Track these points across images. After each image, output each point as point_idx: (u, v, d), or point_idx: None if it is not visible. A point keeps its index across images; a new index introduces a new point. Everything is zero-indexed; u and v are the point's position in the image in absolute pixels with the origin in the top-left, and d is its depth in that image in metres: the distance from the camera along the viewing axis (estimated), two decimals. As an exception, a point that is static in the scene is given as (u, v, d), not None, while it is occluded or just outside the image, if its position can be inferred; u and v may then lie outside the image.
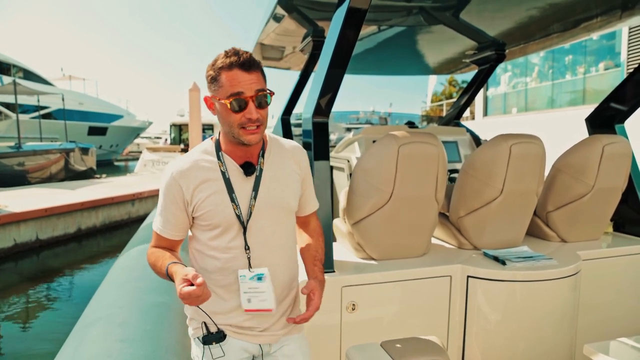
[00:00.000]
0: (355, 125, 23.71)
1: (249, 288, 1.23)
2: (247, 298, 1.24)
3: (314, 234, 1.47)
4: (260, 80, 1.18)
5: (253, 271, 1.23)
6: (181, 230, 1.29)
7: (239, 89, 1.14)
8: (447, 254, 2.23)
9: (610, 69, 10.00)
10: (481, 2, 2.42)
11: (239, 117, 1.16)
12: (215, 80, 1.17)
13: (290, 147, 1.38)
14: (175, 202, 1.24)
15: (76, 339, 1.47)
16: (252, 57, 1.17)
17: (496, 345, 1.96)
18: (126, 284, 2.00)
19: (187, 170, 1.23)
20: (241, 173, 1.24)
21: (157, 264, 1.22)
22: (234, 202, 1.22)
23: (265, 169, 1.28)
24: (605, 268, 2.35)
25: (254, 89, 1.15)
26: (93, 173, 14.80)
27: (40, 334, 4.73)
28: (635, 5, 2.47)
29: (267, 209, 1.26)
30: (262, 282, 1.23)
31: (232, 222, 1.23)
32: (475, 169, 2.20)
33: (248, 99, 1.15)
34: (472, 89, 3.90)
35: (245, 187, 1.25)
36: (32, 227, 7.42)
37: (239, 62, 1.14)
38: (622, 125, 2.78)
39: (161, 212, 1.28)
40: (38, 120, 17.53)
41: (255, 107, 1.16)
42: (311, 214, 1.48)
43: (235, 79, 1.14)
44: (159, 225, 1.28)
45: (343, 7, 1.82)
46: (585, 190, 2.39)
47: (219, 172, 1.24)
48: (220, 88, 1.16)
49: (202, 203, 1.22)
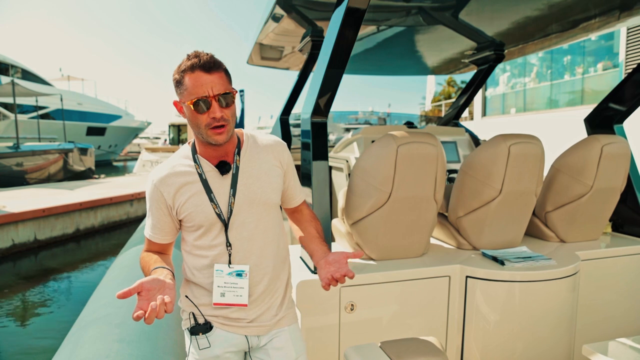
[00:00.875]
0: (354, 125, 23.72)
1: (224, 283, 1.27)
2: (221, 292, 1.27)
3: (309, 219, 1.50)
4: (223, 79, 1.20)
5: (232, 267, 1.28)
6: (169, 234, 1.33)
7: (202, 90, 1.16)
8: (445, 254, 2.23)
9: (609, 70, 10.01)
10: (480, 2, 2.42)
11: (204, 118, 1.18)
12: (180, 84, 1.19)
13: (268, 142, 1.39)
14: (159, 208, 1.29)
15: (73, 339, 1.47)
16: (213, 58, 1.19)
17: (495, 345, 1.96)
18: (124, 283, 1.99)
19: (166, 177, 1.28)
20: (217, 173, 1.27)
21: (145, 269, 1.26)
22: (212, 202, 1.25)
23: (241, 166, 1.30)
24: (604, 268, 2.35)
25: (216, 90, 1.17)
26: (92, 173, 14.78)
27: (39, 334, 4.72)
28: (634, 6, 2.48)
29: (247, 205, 1.29)
30: (242, 279, 1.27)
31: (213, 221, 1.26)
32: (474, 169, 2.19)
33: (211, 99, 1.16)
34: (471, 89, 3.91)
35: (223, 185, 1.27)
36: (30, 227, 7.41)
37: (199, 64, 1.16)
38: (620, 125, 2.79)
39: (148, 218, 1.33)
40: (36, 121, 17.51)
41: (219, 106, 1.17)
42: (301, 204, 1.51)
43: (197, 81, 1.16)
44: (149, 231, 1.33)
45: (342, 7, 1.82)
46: (584, 190, 2.39)
47: (197, 174, 1.27)
48: (185, 91, 1.18)
49: (183, 206, 1.26)
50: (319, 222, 1.51)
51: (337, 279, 1.19)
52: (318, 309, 1.81)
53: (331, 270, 1.21)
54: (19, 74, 21.27)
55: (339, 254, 1.24)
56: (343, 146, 3.51)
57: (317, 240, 1.40)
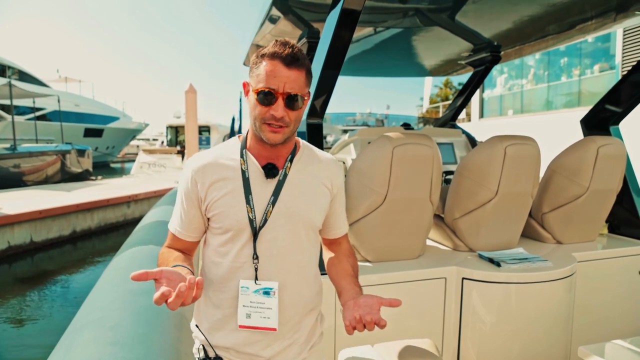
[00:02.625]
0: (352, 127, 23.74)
1: (250, 302, 1.12)
2: (246, 312, 1.12)
3: (347, 254, 1.32)
4: (301, 79, 1.08)
5: (260, 284, 1.13)
6: (195, 231, 1.20)
7: (273, 82, 1.05)
8: (442, 255, 2.23)
9: (605, 71, 10.06)
10: (476, 4, 2.43)
11: (264, 111, 1.07)
12: (255, 67, 1.09)
13: (324, 159, 1.26)
14: (189, 198, 1.16)
15: (66, 342, 1.45)
16: (298, 53, 1.07)
17: (491, 347, 1.95)
18: (119, 286, 1.98)
19: (206, 166, 1.15)
20: (262, 174, 1.14)
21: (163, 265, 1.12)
22: (249, 204, 1.12)
23: (290, 174, 1.16)
24: (601, 269, 2.35)
25: (288, 87, 1.06)
26: (89, 175, 14.73)
27: (34, 337, 4.69)
28: (629, 7, 2.49)
29: (284, 219, 1.14)
30: (270, 298, 1.12)
31: (243, 226, 1.12)
32: (470, 171, 2.19)
33: (278, 95, 1.06)
34: (467, 91, 3.91)
35: (265, 190, 1.14)
36: (26, 229, 7.37)
37: (281, 54, 1.05)
38: (616, 126, 2.79)
39: (176, 210, 1.20)
40: (34, 122, 17.45)
41: (284, 105, 1.06)
42: (341, 237, 1.35)
43: (272, 71, 1.05)
44: (174, 224, 1.21)
45: (337, 9, 1.81)
46: (580, 191, 2.39)
47: (239, 170, 1.14)
48: (256, 76, 1.08)
49: (215, 202, 1.13)
50: (356, 259, 1.33)
51: (366, 322, 1.00)
52: None
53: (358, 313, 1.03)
54: (16, 75, 21.21)
55: (371, 298, 1.06)
56: (340, 148, 3.51)
57: (349, 278, 1.21)
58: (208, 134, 24.03)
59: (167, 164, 17.82)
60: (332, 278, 1.27)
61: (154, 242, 2.76)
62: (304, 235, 1.18)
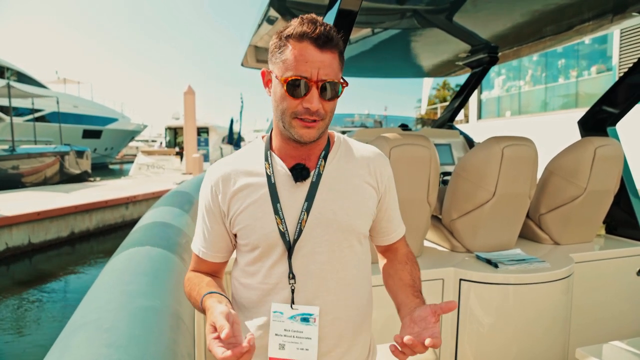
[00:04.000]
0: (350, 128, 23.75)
1: (284, 330, 0.94)
2: (280, 342, 0.94)
3: (405, 260, 1.12)
4: (336, 63, 0.92)
5: (297, 309, 0.95)
6: (221, 251, 1.05)
7: (304, 69, 0.88)
8: (439, 257, 2.22)
9: (603, 73, 10.08)
10: (474, 5, 2.43)
11: (295, 104, 0.91)
12: (278, 51, 0.92)
13: (366, 152, 1.07)
14: (211, 213, 1.02)
15: (61, 344, 1.44)
16: (330, 32, 0.90)
17: (489, 348, 1.95)
18: (115, 287, 1.96)
19: (225, 174, 1.00)
20: (291, 178, 0.97)
21: (193, 292, 1.00)
22: (277, 215, 0.95)
23: (325, 173, 0.99)
24: (598, 270, 2.35)
25: (323, 74, 0.89)
26: (88, 176, 14.71)
27: (31, 339, 4.67)
28: (626, 8, 2.49)
29: (321, 228, 0.97)
30: (309, 326, 0.94)
31: (274, 241, 0.96)
32: (467, 172, 2.19)
33: (312, 83, 0.89)
34: (465, 92, 3.92)
35: (296, 196, 0.97)
36: (24, 230, 7.35)
37: (312, 35, 0.88)
38: (613, 127, 2.80)
39: (198, 228, 1.06)
40: (32, 123, 17.43)
41: (319, 96, 0.90)
42: (398, 242, 1.16)
43: (302, 55, 0.88)
44: (198, 244, 1.06)
45: (333, 10, 1.81)
46: (578, 192, 2.39)
47: (265, 176, 0.98)
48: (281, 62, 0.91)
49: (239, 215, 0.98)
50: (417, 265, 1.12)
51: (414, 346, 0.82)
52: None
53: (414, 331, 0.87)
54: (15, 77, 21.18)
55: (426, 309, 0.89)
56: (338, 149, 3.50)
57: (409, 290, 1.01)
58: (207, 135, 24.02)
59: (165, 165, 17.81)
60: (389, 291, 1.10)
61: (151, 243, 2.75)
62: (346, 246, 1.00)
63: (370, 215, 1.05)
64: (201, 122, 23.16)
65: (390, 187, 1.09)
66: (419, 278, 1.08)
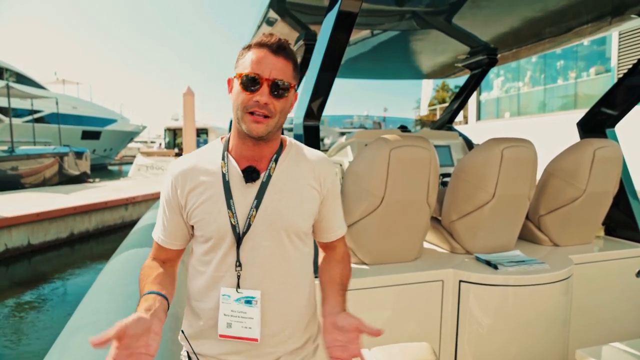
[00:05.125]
0: (349, 129, 23.78)
1: (231, 311, 1.07)
2: (227, 322, 1.07)
3: (340, 259, 1.24)
4: (288, 69, 1.05)
5: (241, 292, 1.07)
6: (178, 239, 1.15)
7: (258, 68, 1.02)
8: (439, 258, 2.22)
9: (601, 74, 10.10)
10: (473, 7, 2.43)
11: (247, 98, 1.02)
12: (242, 58, 1.06)
13: (312, 158, 1.17)
14: (170, 206, 1.12)
15: (61, 346, 1.44)
16: (286, 44, 1.05)
17: (488, 350, 1.95)
18: (114, 289, 1.97)
19: (185, 171, 1.11)
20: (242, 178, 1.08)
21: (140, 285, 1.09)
22: (230, 209, 1.06)
23: (275, 175, 1.10)
24: (597, 272, 2.35)
25: (274, 74, 1.02)
26: (87, 177, 14.69)
27: (30, 340, 4.66)
28: (625, 11, 2.50)
29: (266, 226, 1.08)
30: (252, 307, 1.07)
31: (225, 233, 1.07)
32: (467, 173, 2.19)
33: (263, 80, 1.01)
34: (464, 93, 3.92)
35: (247, 194, 1.08)
36: (23, 231, 7.33)
37: (268, 43, 1.03)
38: (612, 129, 2.80)
39: (158, 218, 1.17)
40: (31, 124, 17.41)
41: (269, 92, 1.01)
42: (337, 240, 1.26)
43: (258, 58, 1.02)
44: (158, 232, 1.17)
45: (333, 11, 1.82)
46: (577, 194, 2.39)
47: (220, 174, 1.09)
48: (241, 65, 1.05)
49: (196, 209, 1.08)
50: (349, 265, 1.25)
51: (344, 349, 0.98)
52: None
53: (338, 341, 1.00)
54: (14, 78, 21.16)
55: (351, 322, 1.00)
56: (337, 150, 3.50)
57: (335, 287, 1.14)
58: (206, 136, 24.02)
59: (165, 166, 17.79)
60: (320, 283, 1.21)
61: (149, 244, 2.75)
62: (288, 242, 1.10)
63: (312, 215, 1.15)
64: (200, 123, 23.17)
65: (332, 190, 1.20)
66: (348, 277, 1.21)
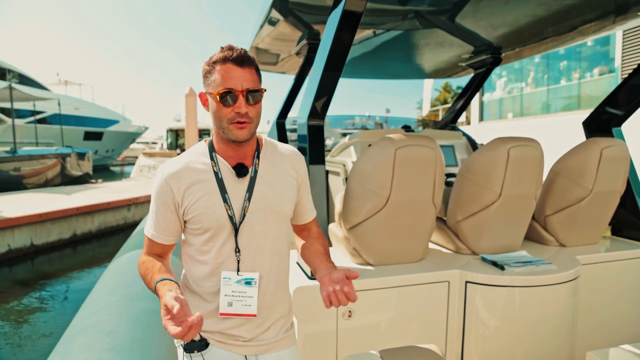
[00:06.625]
0: (351, 130, 23.76)
1: (232, 291, 1.22)
2: (228, 301, 1.22)
3: (317, 236, 1.44)
4: (254, 76, 1.18)
5: (241, 275, 1.22)
6: (172, 235, 1.27)
7: (231, 83, 1.14)
8: (444, 259, 2.20)
9: (605, 75, 10.06)
10: (476, 6, 2.42)
11: (228, 112, 1.16)
12: (209, 75, 1.18)
13: (286, 151, 1.36)
14: (166, 204, 1.22)
15: (63, 348, 1.43)
16: (246, 54, 1.18)
17: (495, 351, 1.93)
18: (117, 290, 1.95)
19: (179, 172, 1.22)
20: (234, 174, 1.23)
21: (147, 277, 1.19)
22: (226, 203, 1.20)
23: (260, 170, 1.27)
24: (604, 272, 2.32)
25: (245, 85, 1.15)
26: (89, 178, 14.71)
27: (33, 341, 4.65)
28: (629, 9, 2.48)
29: (260, 212, 1.24)
30: (251, 287, 1.22)
31: (223, 224, 1.20)
32: (473, 173, 2.17)
33: (238, 93, 1.15)
34: (468, 93, 3.90)
35: (239, 188, 1.23)
36: (26, 232, 7.34)
37: (232, 57, 1.15)
38: (619, 128, 2.78)
39: (152, 216, 1.26)
40: (34, 125, 17.46)
41: (245, 102, 1.16)
42: (311, 222, 1.45)
43: (227, 73, 1.15)
44: (150, 230, 1.26)
45: (338, 10, 1.80)
46: (584, 193, 2.37)
47: (212, 173, 1.22)
48: (213, 82, 1.17)
49: (192, 205, 1.20)
50: (326, 239, 1.45)
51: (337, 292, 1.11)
52: (315, 316, 1.77)
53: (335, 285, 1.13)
54: (16, 79, 21.22)
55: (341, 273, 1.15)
56: (340, 150, 3.49)
57: (322, 256, 1.32)
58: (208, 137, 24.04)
59: (163, 163, 17.77)
60: (305, 259, 1.38)
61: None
62: (277, 225, 1.28)
63: (294, 199, 1.34)
64: (203, 124, 23.19)
65: (305, 179, 1.38)
66: (328, 248, 1.40)
